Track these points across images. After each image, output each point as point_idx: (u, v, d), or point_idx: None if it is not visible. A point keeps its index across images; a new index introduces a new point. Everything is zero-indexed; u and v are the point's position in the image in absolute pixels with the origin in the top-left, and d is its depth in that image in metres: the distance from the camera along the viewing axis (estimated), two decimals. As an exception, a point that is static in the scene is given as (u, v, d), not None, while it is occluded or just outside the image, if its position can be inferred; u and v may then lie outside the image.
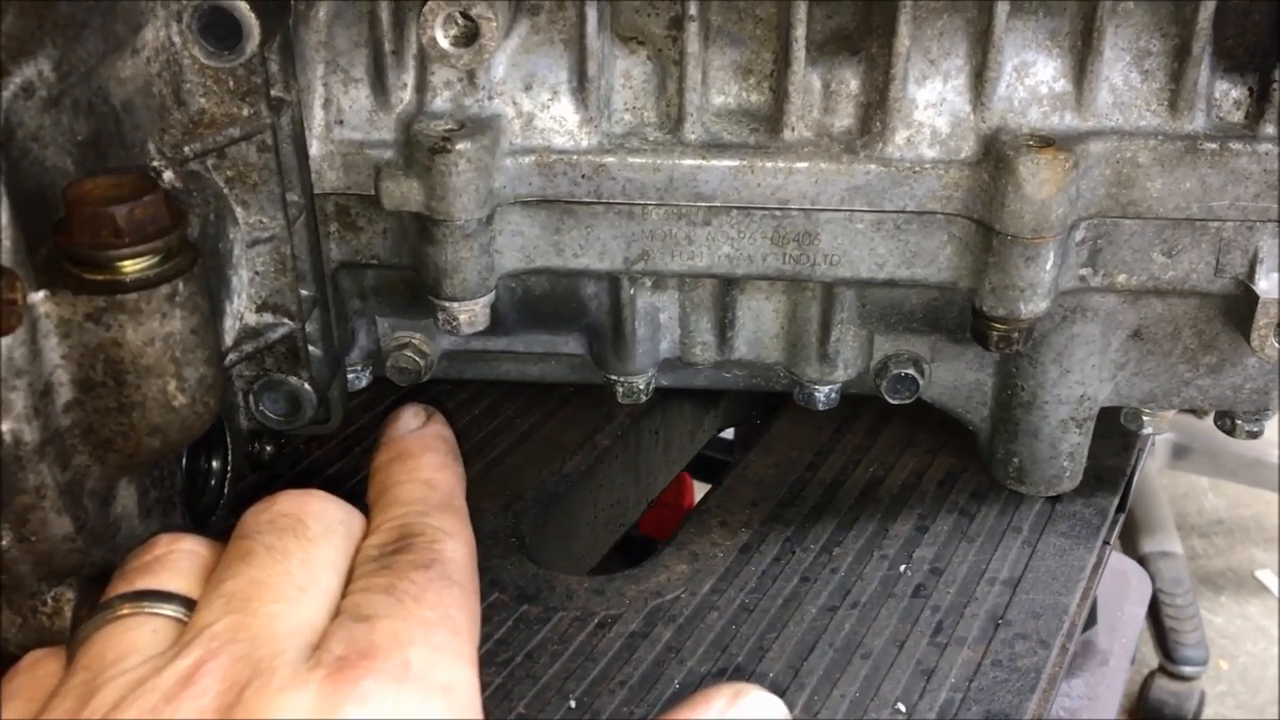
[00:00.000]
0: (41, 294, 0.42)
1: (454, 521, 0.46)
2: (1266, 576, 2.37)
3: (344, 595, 0.42)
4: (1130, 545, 2.06)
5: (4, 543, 0.44)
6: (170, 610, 0.42)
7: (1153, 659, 1.98)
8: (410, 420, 0.53)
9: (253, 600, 0.40)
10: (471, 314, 0.62)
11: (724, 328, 0.67)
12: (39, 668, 0.42)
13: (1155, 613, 1.97)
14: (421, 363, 0.69)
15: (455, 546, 0.45)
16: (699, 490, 1.25)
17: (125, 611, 0.42)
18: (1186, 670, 1.96)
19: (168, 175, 0.51)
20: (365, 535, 0.46)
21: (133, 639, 0.40)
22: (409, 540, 0.44)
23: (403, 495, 0.48)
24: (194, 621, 0.41)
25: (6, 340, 0.41)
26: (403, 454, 0.51)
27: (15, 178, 0.42)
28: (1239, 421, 0.67)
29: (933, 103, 0.59)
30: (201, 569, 0.44)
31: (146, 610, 0.42)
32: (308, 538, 0.43)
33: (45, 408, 0.43)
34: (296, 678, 0.37)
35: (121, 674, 0.38)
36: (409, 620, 0.40)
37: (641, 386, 0.70)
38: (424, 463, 0.50)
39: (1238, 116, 0.59)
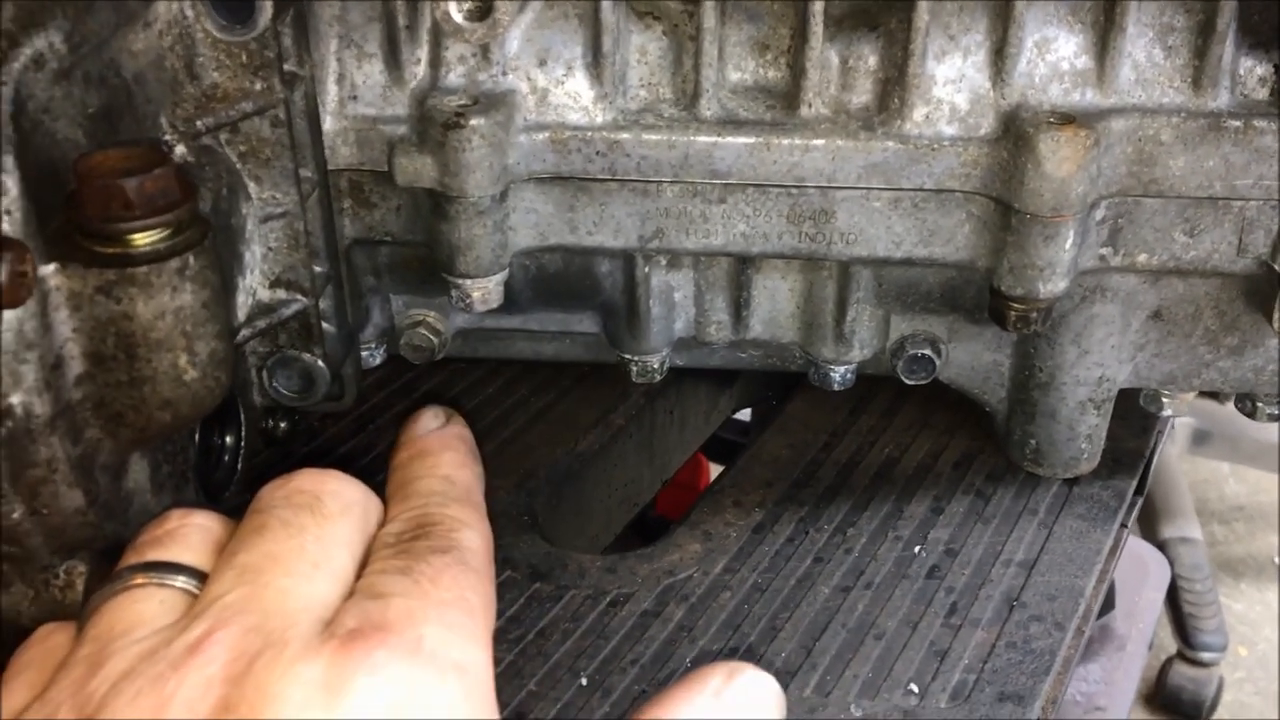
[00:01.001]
0: (52, 267, 0.42)
1: (472, 514, 0.46)
2: (1287, 563, 2.36)
3: (359, 577, 0.42)
4: (1150, 531, 2.05)
5: (16, 515, 0.44)
6: (180, 582, 0.42)
7: (1171, 645, 1.97)
8: (430, 421, 0.53)
9: (265, 573, 0.40)
10: (485, 291, 0.61)
11: (739, 307, 0.67)
12: (50, 640, 0.42)
13: (1174, 598, 1.96)
14: (435, 340, 0.69)
15: (472, 536, 0.45)
16: (715, 472, 1.25)
17: (136, 582, 0.42)
18: (1205, 656, 1.96)
19: (180, 149, 0.51)
20: (382, 524, 0.45)
21: (141, 610, 0.40)
22: (427, 528, 0.44)
23: (421, 489, 0.48)
24: (205, 593, 0.40)
25: (17, 313, 0.41)
26: (422, 452, 0.51)
27: (26, 150, 0.42)
28: (1260, 404, 0.66)
29: (952, 79, 0.58)
30: (213, 543, 0.44)
31: (156, 581, 0.42)
32: (324, 515, 0.43)
33: (56, 381, 0.43)
34: (308, 650, 0.37)
35: (130, 644, 0.38)
36: (425, 600, 0.40)
37: (656, 366, 0.69)
38: (443, 460, 0.50)
39: (1262, 94, 0.58)
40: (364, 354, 0.69)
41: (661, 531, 0.67)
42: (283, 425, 0.64)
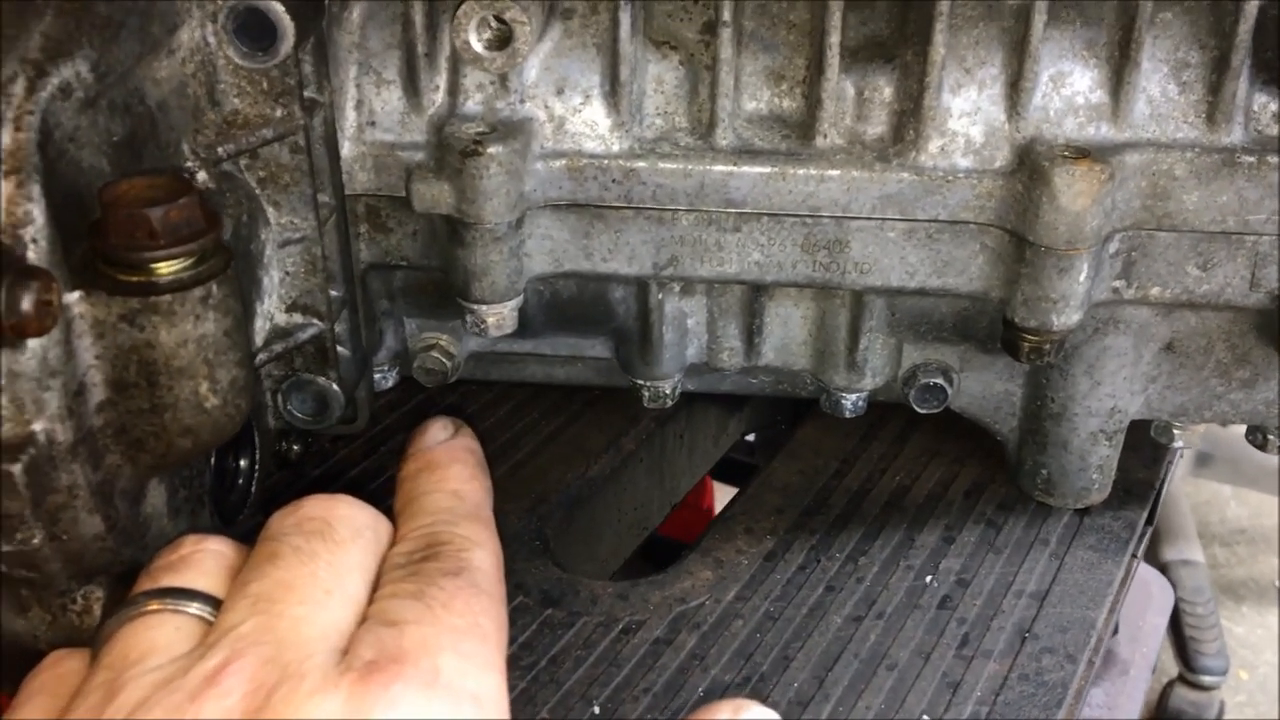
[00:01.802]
0: (76, 295, 0.43)
1: (481, 531, 0.46)
2: (1288, 587, 2.35)
3: (371, 601, 0.42)
4: (1152, 553, 2.05)
5: (36, 541, 0.44)
6: (195, 608, 0.42)
7: (1172, 667, 1.97)
8: (439, 432, 0.53)
9: (278, 602, 0.40)
10: (500, 317, 0.62)
11: (752, 334, 0.67)
12: (61, 665, 0.42)
13: (1176, 622, 1.96)
14: (448, 364, 0.69)
15: (483, 556, 0.45)
16: (719, 490, 1.25)
17: (150, 608, 0.42)
18: (1206, 680, 1.95)
19: (201, 176, 0.52)
20: (392, 543, 0.45)
21: (156, 637, 0.40)
22: (437, 548, 0.44)
23: (430, 505, 0.48)
24: (220, 622, 0.41)
25: (41, 340, 0.41)
26: (430, 465, 0.50)
27: (52, 178, 0.42)
28: (1271, 436, 0.67)
29: (967, 111, 0.59)
30: (227, 569, 0.44)
31: (171, 608, 0.42)
32: (335, 541, 0.43)
33: (78, 408, 0.43)
34: (326, 682, 0.37)
35: (145, 673, 0.38)
36: (438, 626, 0.40)
37: (668, 391, 0.69)
38: (451, 474, 0.50)
39: (1276, 130, 0.58)
40: (377, 377, 0.69)
41: (667, 552, 0.67)
42: (296, 448, 0.64)
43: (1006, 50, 0.58)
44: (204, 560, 0.44)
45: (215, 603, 0.42)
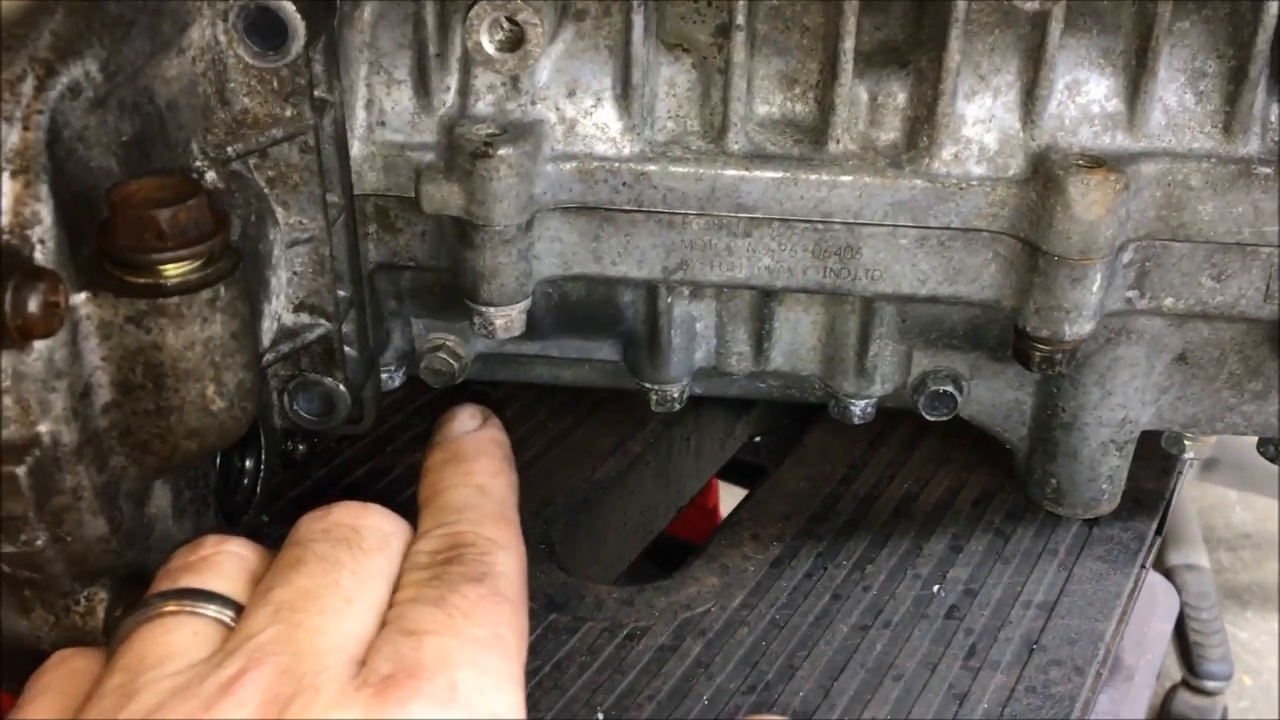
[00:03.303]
0: (83, 296, 0.42)
1: (506, 533, 0.45)
2: (1294, 592, 2.35)
3: (391, 604, 0.42)
4: (1157, 558, 2.03)
5: (40, 543, 0.44)
6: (213, 611, 0.41)
7: (1176, 672, 1.96)
8: (466, 421, 0.52)
9: (299, 611, 0.40)
10: (508, 319, 0.61)
11: (761, 339, 0.67)
12: (69, 664, 0.42)
13: (1180, 626, 1.95)
14: (455, 365, 0.69)
15: (507, 559, 0.44)
16: (723, 489, 1.24)
17: (168, 609, 0.41)
18: (1210, 685, 1.95)
19: (210, 175, 0.51)
20: (415, 539, 0.45)
21: (173, 640, 0.40)
22: (460, 550, 0.43)
23: (455, 500, 0.47)
24: (239, 629, 0.40)
25: (48, 342, 0.41)
26: (457, 456, 0.49)
27: (60, 178, 0.42)
28: (1282, 449, 0.66)
29: (981, 119, 0.58)
30: (247, 572, 0.43)
31: (189, 610, 0.41)
32: (361, 549, 0.42)
33: (84, 409, 0.43)
34: (341, 696, 0.37)
35: (161, 678, 0.38)
36: (458, 638, 0.39)
37: (675, 395, 0.69)
38: (478, 467, 0.49)
39: (1293, 140, 0.58)
40: (383, 376, 0.69)
41: (670, 550, 0.67)
42: (301, 448, 0.64)
43: (1022, 57, 0.58)
44: (224, 562, 0.43)
45: (234, 606, 0.42)
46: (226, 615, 0.41)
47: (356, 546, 0.42)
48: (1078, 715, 0.57)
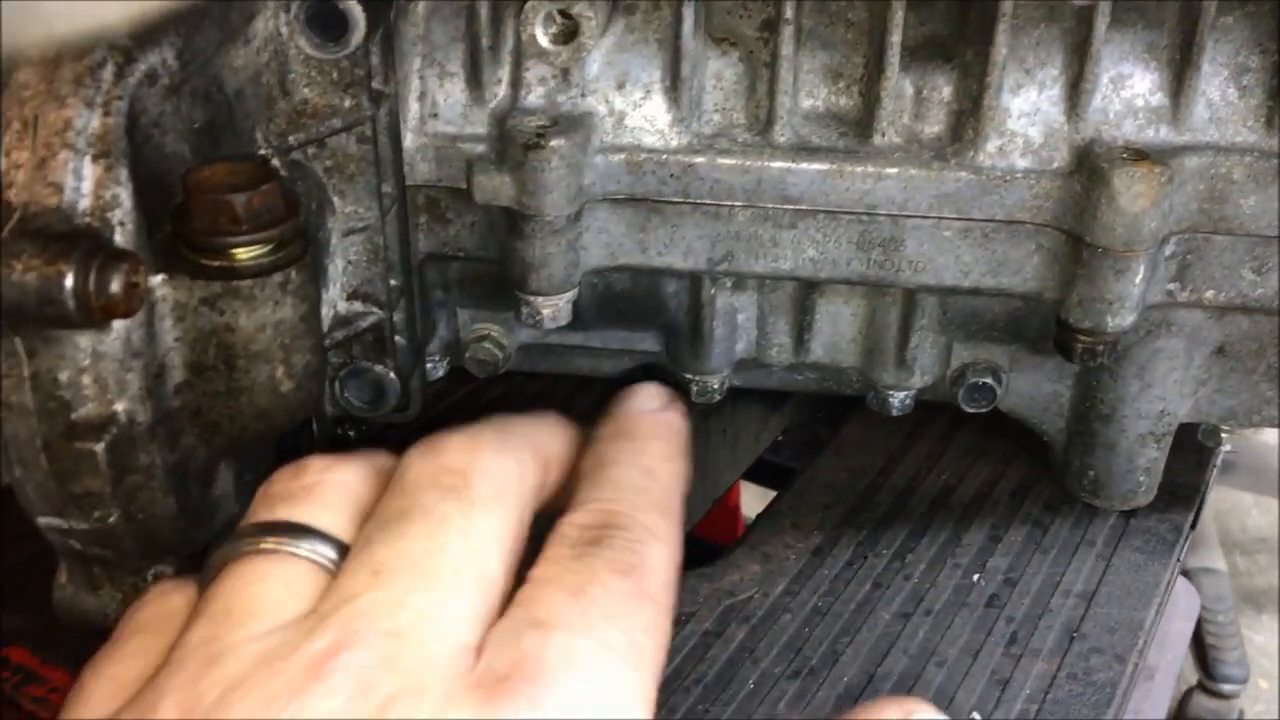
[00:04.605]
0: (159, 278, 0.43)
1: (665, 525, 0.41)
2: (1310, 596, 2.34)
3: (527, 579, 0.37)
4: (1174, 560, 2.04)
5: (112, 520, 0.45)
6: (311, 551, 0.37)
7: (1191, 675, 1.96)
8: (648, 400, 0.47)
9: (401, 578, 0.36)
10: (555, 309, 0.62)
11: (801, 330, 0.67)
12: (167, 601, 0.39)
13: (1197, 629, 1.96)
14: (500, 355, 0.70)
15: (659, 553, 0.39)
16: (745, 490, 1.25)
17: (264, 547, 0.37)
18: (1226, 688, 1.95)
19: (274, 164, 0.52)
20: (568, 510, 0.40)
21: (265, 591, 0.36)
22: (611, 532, 0.39)
23: (618, 477, 0.42)
24: (336, 586, 0.36)
25: (125, 322, 0.42)
26: (629, 432, 0.45)
27: (137, 163, 0.43)
28: (1319, 442, 0.67)
29: (1026, 112, 0.59)
30: (354, 506, 0.39)
31: (287, 548, 0.37)
32: (471, 502, 0.38)
33: (158, 389, 0.44)
34: (449, 702, 0.33)
35: (249, 641, 0.35)
36: (591, 639, 0.35)
37: (716, 386, 0.70)
38: (650, 449, 0.44)
39: (1335, 135, 0.58)
40: (428, 366, 0.70)
41: (694, 548, 0.67)
42: (352, 434, 0.65)
43: (1067, 51, 0.58)
44: (327, 493, 0.39)
45: (335, 544, 0.38)
46: (325, 557, 0.37)
47: (466, 498, 0.38)
48: (1119, 702, 0.58)
